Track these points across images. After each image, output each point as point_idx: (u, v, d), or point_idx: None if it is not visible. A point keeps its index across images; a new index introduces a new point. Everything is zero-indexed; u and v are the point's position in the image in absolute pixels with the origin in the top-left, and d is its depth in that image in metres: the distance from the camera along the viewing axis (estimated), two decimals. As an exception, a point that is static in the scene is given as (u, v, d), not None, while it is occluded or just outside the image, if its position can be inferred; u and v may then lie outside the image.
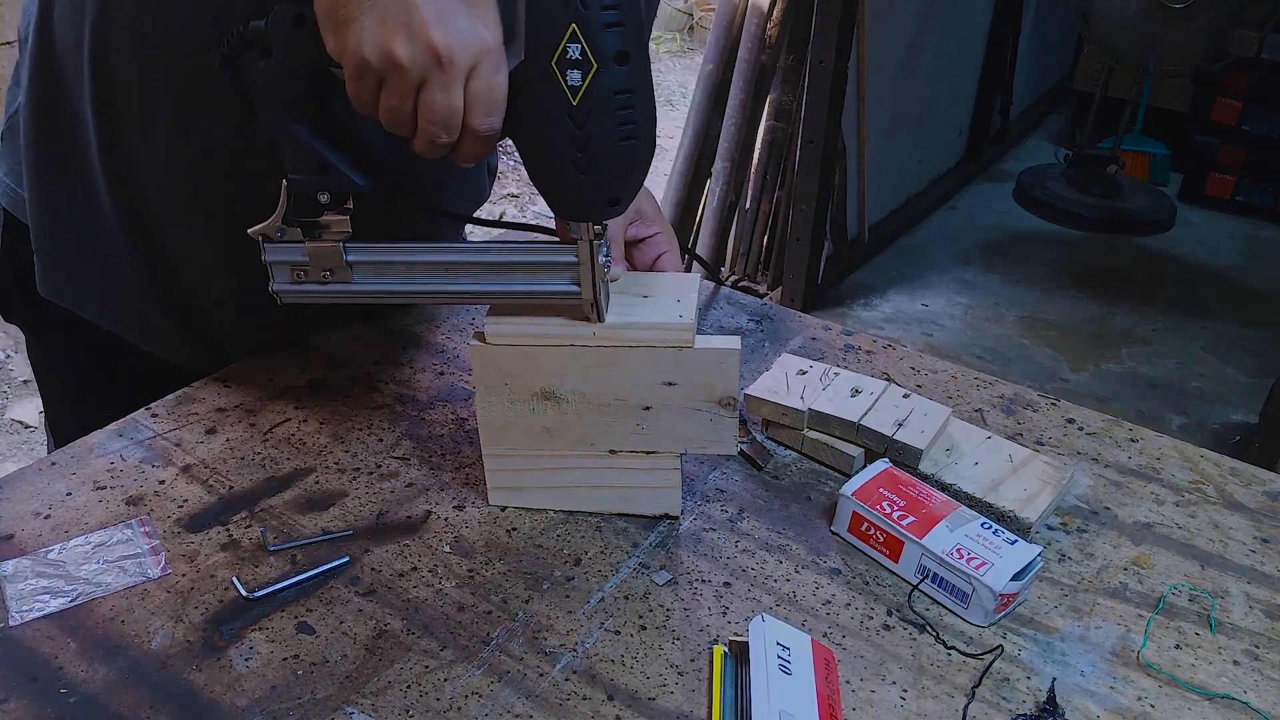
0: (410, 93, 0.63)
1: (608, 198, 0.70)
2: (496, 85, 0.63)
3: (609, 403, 0.78)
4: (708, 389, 0.77)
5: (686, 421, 0.78)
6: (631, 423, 0.79)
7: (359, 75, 0.63)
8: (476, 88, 0.63)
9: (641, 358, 0.76)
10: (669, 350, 0.76)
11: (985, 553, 0.75)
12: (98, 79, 0.85)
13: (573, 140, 0.66)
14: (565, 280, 0.75)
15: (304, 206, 0.74)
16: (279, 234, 0.75)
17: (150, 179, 0.89)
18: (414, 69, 0.61)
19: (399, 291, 0.78)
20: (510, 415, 0.79)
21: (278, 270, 0.77)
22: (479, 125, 0.64)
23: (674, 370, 0.76)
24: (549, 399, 0.78)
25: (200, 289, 0.96)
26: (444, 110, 0.63)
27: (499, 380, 0.78)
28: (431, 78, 0.62)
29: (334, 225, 0.74)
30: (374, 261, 0.77)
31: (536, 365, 0.77)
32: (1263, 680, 0.72)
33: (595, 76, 0.64)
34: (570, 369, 0.77)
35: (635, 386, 0.77)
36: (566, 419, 0.79)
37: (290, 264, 0.76)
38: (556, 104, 0.65)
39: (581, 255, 0.73)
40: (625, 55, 0.64)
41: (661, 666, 0.70)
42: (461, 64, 0.61)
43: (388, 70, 0.62)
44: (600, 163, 0.67)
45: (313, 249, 0.75)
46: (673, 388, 0.77)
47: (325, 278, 0.77)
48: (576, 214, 0.72)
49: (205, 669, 0.68)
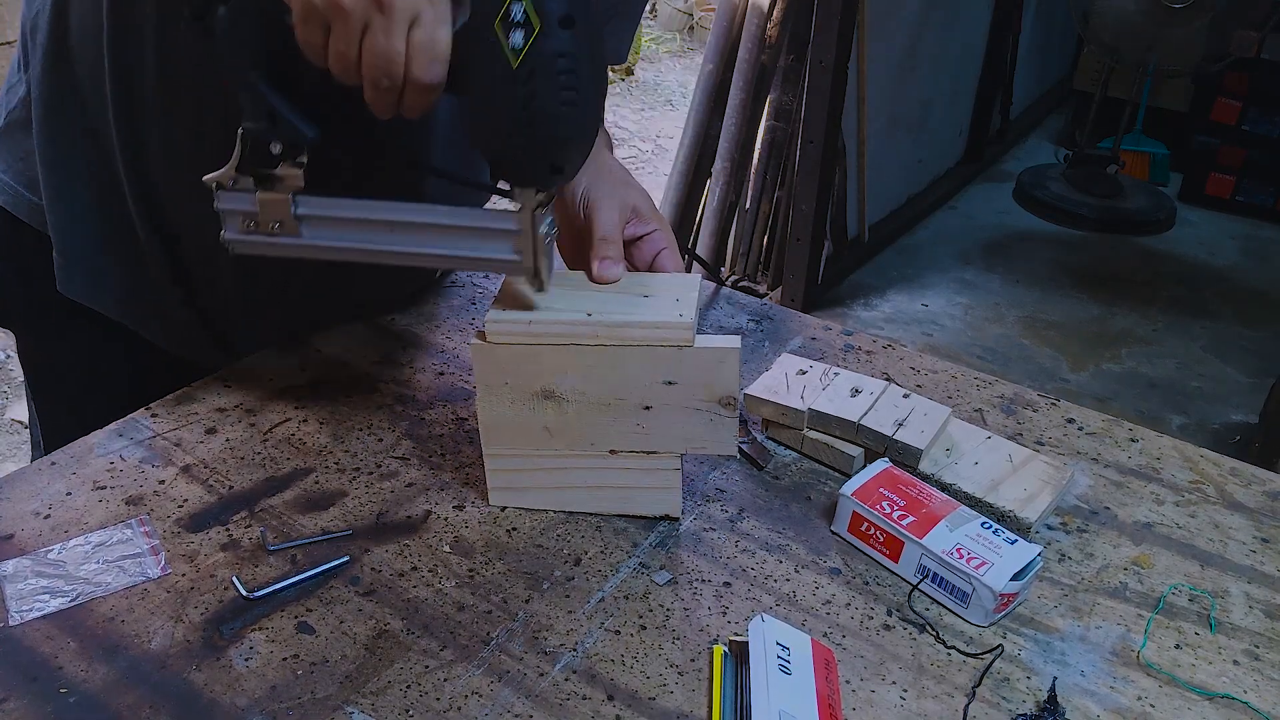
0: (354, 38, 0.64)
1: (549, 163, 0.70)
2: (439, 38, 0.65)
3: (609, 402, 0.78)
4: (708, 388, 0.77)
5: (687, 421, 0.78)
6: (632, 422, 0.79)
7: (305, 18, 0.65)
8: (418, 37, 0.64)
9: (642, 357, 0.76)
10: (669, 349, 0.76)
11: (985, 552, 0.75)
12: (117, 68, 0.84)
13: (514, 101, 0.67)
14: (507, 248, 0.75)
15: (257, 157, 0.74)
16: (231, 183, 0.76)
17: (168, 166, 0.89)
18: (355, 11, 0.63)
19: (344, 248, 0.78)
20: (511, 415, 0.79)
21: (229, 219, 0.78)
22: (421, 75, 0.65)
23: (674, 369, 0.76)
24: (550, 398, 0.78)
25: (210, 279, 0.96)
26: (384, 54, 0.64)
27: (500, 379, 0.78)
28: (373, 22, 0.63)
29: (287, 178, 0.75)
30: (322, 216, 0.77)
31: (537, 364, 0.77)
32: (1263, 680, 0.71)
33: (537, 39, 0.65)
34: (571, 368, 0.77)
35: (635, 386, 0.77)
36: (567, 418, 0.79)
37: (241, 213, 0.77)
38: (499, 64, 0.66)
39: (523, 223, 0.73)
40: (570, 20, 0.65)
41: (661, 666, 0.70)
42: (402, 10, 0.63)
43: (332, 13, 0.64)
44: (540, 125, 0.67)
45: (264, 199, 0.76)
46: (673, 387, 0.77)
47: (274, 229, 0.77)
48: (518, 179, 0.72)
49: (205, 669, 0.68)
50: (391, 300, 1.10)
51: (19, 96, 0.93)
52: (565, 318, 0.76)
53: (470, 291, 1.15)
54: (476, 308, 1.12)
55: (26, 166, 0.94)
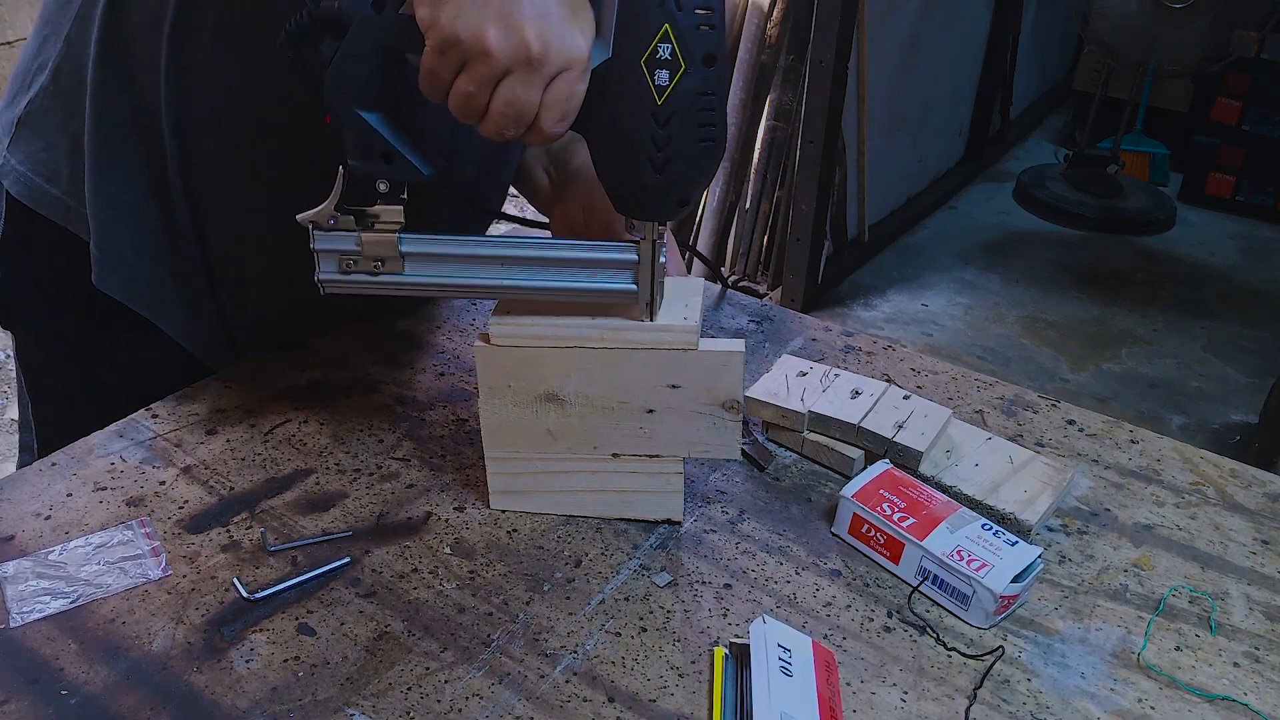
0: (491, 81, 0.63)
1: (679, 197, 0.71)
2: (576, 94, 0.64)
3: (612, 405, 0.78)
4: (711, 392, 0.77)
5: (690, 425, 0.78)
6: (635, 425, 0.79)
7: (442, 50, 0.62)
8: (556, 92, 0.63)
9: (645, 360, 0.76)
10: (673, 352, 0.76)
11: (985, 554, 0.75)
12: (174, 69, 0.83)
13: (654, 139, 0.66)
14: (625, 278, 0.74)
15: (360, 194, 0.72)
16: (331, 221, 0.74)
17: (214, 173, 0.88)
18: (501, 58, 0.61)
19: (452, 285, 0.77)
20: (514, 418, 0.79)
21: (325, 259, 0.75)
22: (550, 128, 0.65)
23: (678, 373, 0.76)
24: (552, 401, 0.78)
25: (239, 281, 0.95)
26: (522, 106, 0.63)
27: (503, 382, 0.78)
28: (517, 71, 0.62)
29: (386, 215, 0.73)
30: (430, 253, 0.75)
31: (541, 366, 0.77)
32: (1263, 682, 0.72)
33: (683, 78, 0.65)
34: (574, 371, 0.77)
35: (639, 389, 0.77)
36: (570, 421, 0.79)
37: (339, 253, 0.75)
38: (642, 103, 0.65)
39: (643, 254, 0.73)
40: (713, 58, 0.65)
41: (662, 668, 0.70)
42: (550, 66, 0.62)
43: (474, 54, 0.61)
44: (678, 163, 0.68)
45: (367, 239, 0.74)
46: (676, 390, 0.77)
47: (376, 268, 0.75)
48: (646, 213, 0.72)
49: (206, 670, 0.68)
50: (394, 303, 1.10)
51: (40, 86, 0.90)
52: (569, 321, 0.76)
53: (471, 292, 1.14)
54: (477, 309, 1.12)
55: (49, 158, 0.91)
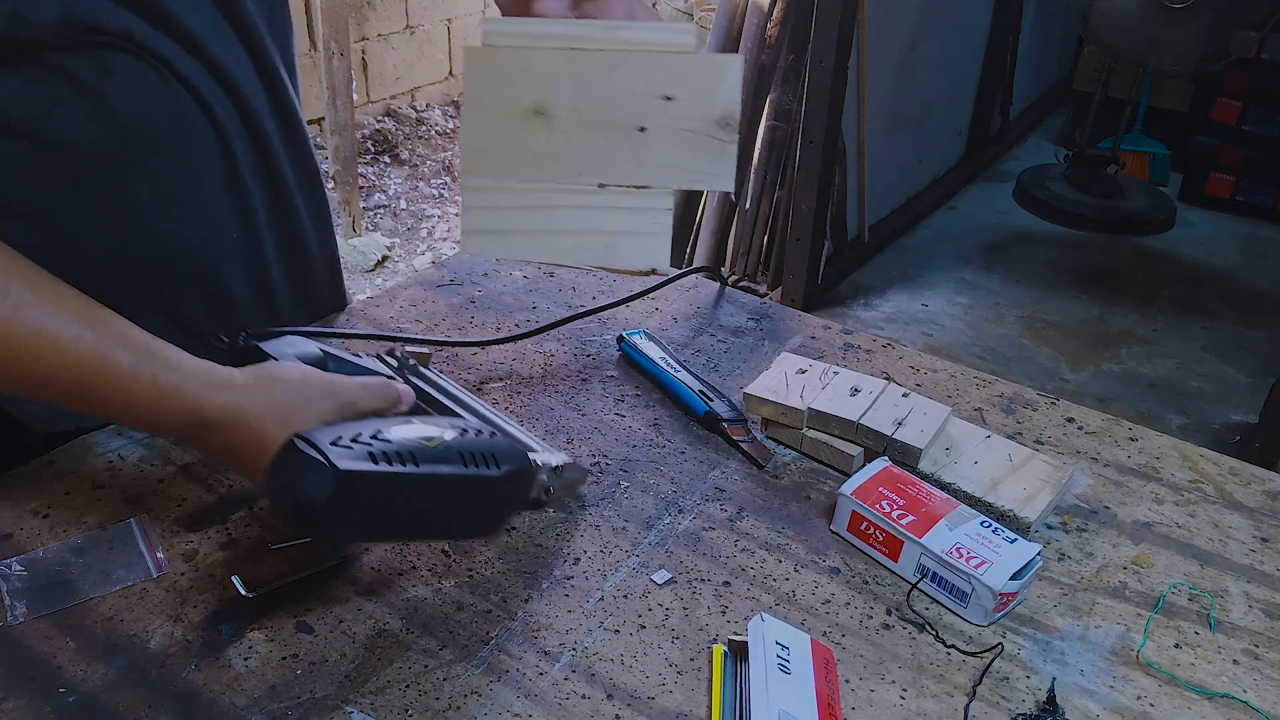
0: None
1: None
2: None
3: (602, 120, 0.74)
4: (706, 105, 0.72)
5: (683, 148, 0.73)
6: (624, 148, 0.74)
7: None
8: None
9: (640, 64, 0.72)
10: (669, 56, 0.72)
11: (985, 552, 0.75)
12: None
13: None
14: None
15: None
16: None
17: None
18: None
19: None
20: (497, 135, 0.75)
21: None
22: None
23: (672, 82, 0.72)
24: (539, 115, 0.74)
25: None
26: None
27: (489, 90, 0.74)
28: None
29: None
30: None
31: (531, 72, 0.73)
32: (1262, 679, 0.71)
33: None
34: (565, 78, 0.73)
35: (631, 100, 0.73)
36: (556, 141, 0.74)
37: None
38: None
39: None
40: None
41: (661, 666, 0.70)
42: None
43: None
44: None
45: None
46: (670, 103, 0.72)
47: None
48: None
49: (204, 668, 0.68)
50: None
51: None
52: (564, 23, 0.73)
53: (469, 291, 1.14)
54: (476, 307, 1.12)
55: None
